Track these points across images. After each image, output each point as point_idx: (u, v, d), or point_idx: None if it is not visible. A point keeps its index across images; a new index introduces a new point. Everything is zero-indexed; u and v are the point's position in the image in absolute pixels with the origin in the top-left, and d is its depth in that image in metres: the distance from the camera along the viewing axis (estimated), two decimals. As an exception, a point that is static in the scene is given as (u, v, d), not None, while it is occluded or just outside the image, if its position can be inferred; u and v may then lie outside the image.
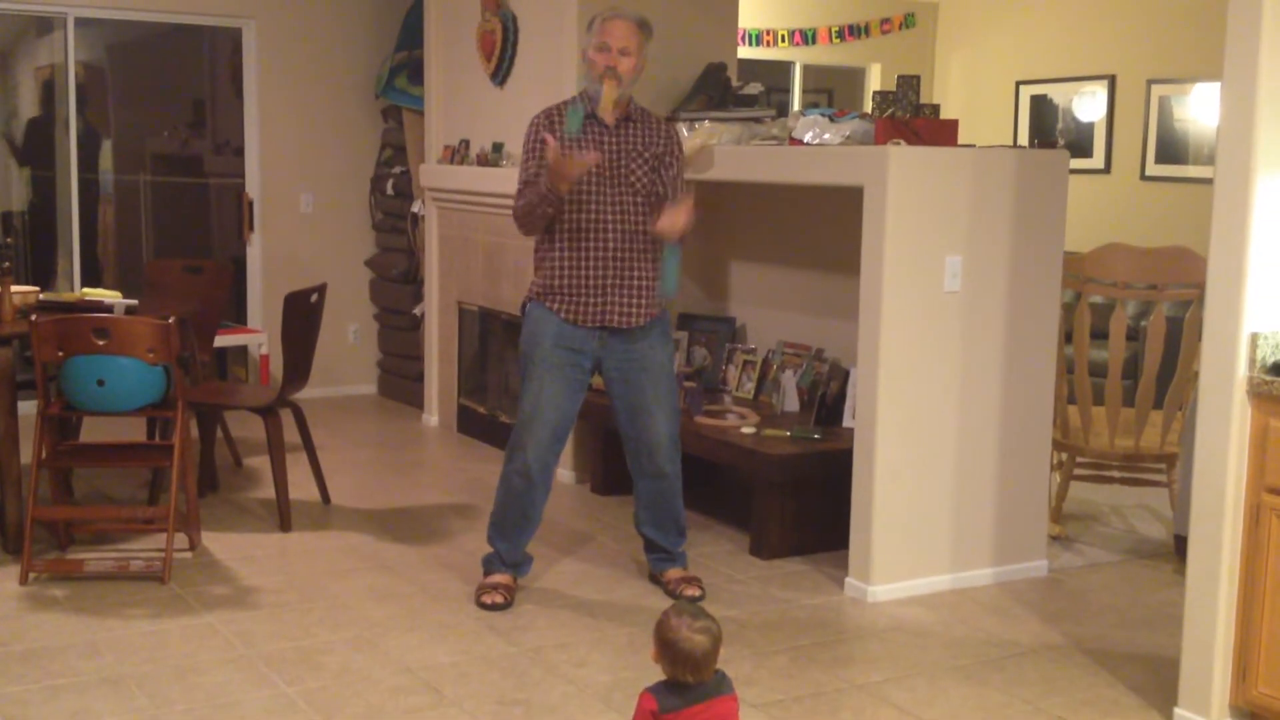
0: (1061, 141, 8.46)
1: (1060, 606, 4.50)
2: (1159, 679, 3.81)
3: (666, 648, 2.89)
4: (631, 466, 4.49)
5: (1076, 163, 5.81)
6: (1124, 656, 4.04)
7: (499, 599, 4.33)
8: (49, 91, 7.71)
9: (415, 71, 7.39)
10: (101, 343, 4.45)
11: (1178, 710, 3.53)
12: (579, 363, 4.30)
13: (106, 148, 8.22)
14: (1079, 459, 5.47)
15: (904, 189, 4.35)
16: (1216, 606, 3.42)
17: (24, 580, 4.48)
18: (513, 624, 4.19)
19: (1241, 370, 3.35)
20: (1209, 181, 3.45)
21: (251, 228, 7.80)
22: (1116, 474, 6.23)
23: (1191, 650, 3.49)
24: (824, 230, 5.49)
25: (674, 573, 4.52)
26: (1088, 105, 8.47)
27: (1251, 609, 3.38)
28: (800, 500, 4.96)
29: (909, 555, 4.54)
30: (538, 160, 4.23)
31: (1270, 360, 3.34)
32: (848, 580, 4.57)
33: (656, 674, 3.09)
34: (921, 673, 3.89)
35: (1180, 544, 4.80)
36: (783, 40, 9.41)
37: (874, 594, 4.48)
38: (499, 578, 4.40)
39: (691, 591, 4.43)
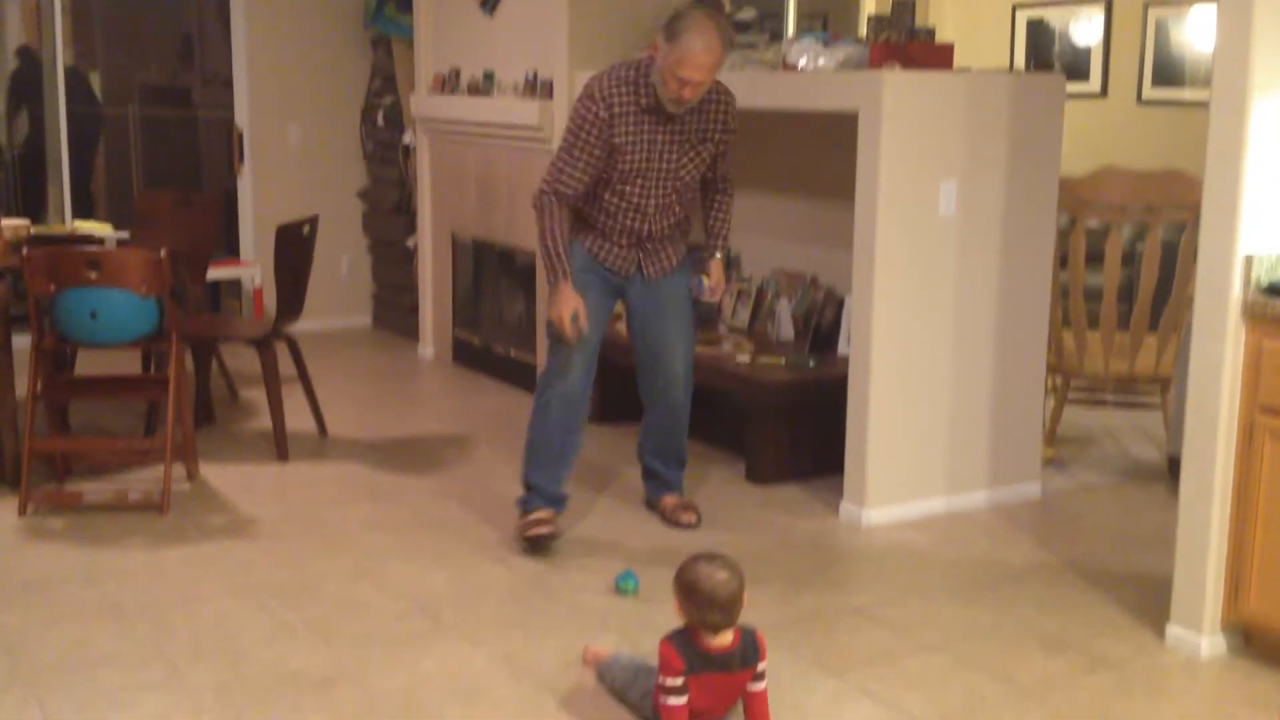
0: (1058, 65, 8.39)
1: (1054, 528, 4.53)
2: (1152, 598, 3.84)
3: (692, 592, 2.89)
4: (645, 396, 4.47)
5: (1073, 87, 5.75)
6: (1117, 576, 4.07)
7: (545, 530, 4.18)
8: (36, 25, 7.62)
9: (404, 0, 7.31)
10: (93, 275, 4.43)
11: (1170, 627, 3.57)
12: (610, 284, 4.28)
13: (95, 80, 8.14)
14: (1073, 383, 5.49)
15: (899, 114, 4.32)
16: (1209, 524, 3.45)
17: (22, 512, 4.50)
18: (510, 550, 4.22)
19: (1236, 292, 3.35)
20: (1206, 105, 3.43)
21: (242, 160, 7.75)
22: (1111, 397, 6.25)
23: (1184, 568, 3.53)
24: (819, 157, 5.46)
25: (670, 499, 4.54)
26: (1084, 29, 8.39)
27: (1244, 527, 3.40)
28: (795, 427, 4.97)
29: (903, 479, 4.56)
30: (583, 169, 4.07)
31: (1265, 281, 3.35)
32: (843, 505, 4.59)
33: (655, 598, 3.13)
34: (916, 595, 3.93)
35: (1174, 466, 4.83)
36: (776, -35, 9.28)
37: (869, 518, 4.51)
38: (541, 513, 4.24)
39: (688, 518, 4.46)
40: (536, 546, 4.18)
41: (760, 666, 2.95)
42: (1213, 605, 3.49)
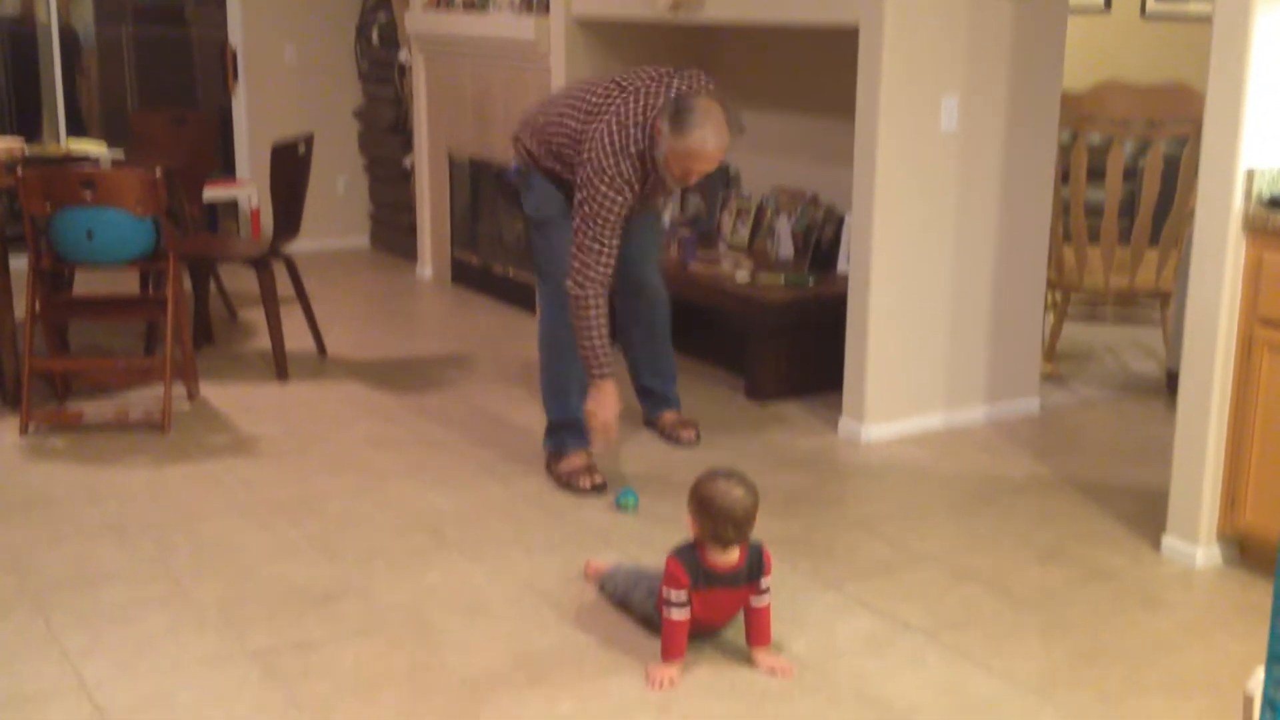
0: (1060, -20, 8.28)
1: (1052, 443, 4.55)
2: (1149, 510, 3.87)
3: (707, 506, 2.90)
4: (622, 313, 4.44)
5: (1076, 1, 5.69)
6: (1114, 489, 4.10)
7: (598, 479, 4.01)
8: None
9: (398, -86, 7.20)
10: (89, 195, 4.41)
11: (1166, 539, 3.60)
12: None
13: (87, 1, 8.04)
14: (1073, 298, 5.48)
15: (900, 28, 4.27)
16: (1206, 437, 3.46)
17: (24, 431, 4.51)
18: (510, 469, 4.24)
19: (1237, 205, 3.34)
20: (1210, 19, 3.39)
21: (236, 79, 7.68)
22: (1110, 313, 6.26)
23: (1181, 479, 3.55)
24: (820, 73, 5.41)
25: (670, 416, 4.55)
26: (1087, -58, 8.26)
27: (1241, 439, 3.42)
28: (795, 344, 4.97)
29: (903, 395, 4.57)
30: (618, 237, 3.83)
31: (1266, 195, 3.33)
32: (842, 421, 4.61)
33: (654, 515, 3.15)
34: (914, 509, 3.95)
35: (1172, 380, 4.84)
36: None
37: (868, 434, 4.52)
38: (580, 457, 4.08)
39: (687, 435, 4.47)
40: (590, 494, 4.02)
41: (764, 582, 2.97)
42: (1208, 516, 3.51)
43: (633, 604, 3.17)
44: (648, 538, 3.65)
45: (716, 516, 2.89)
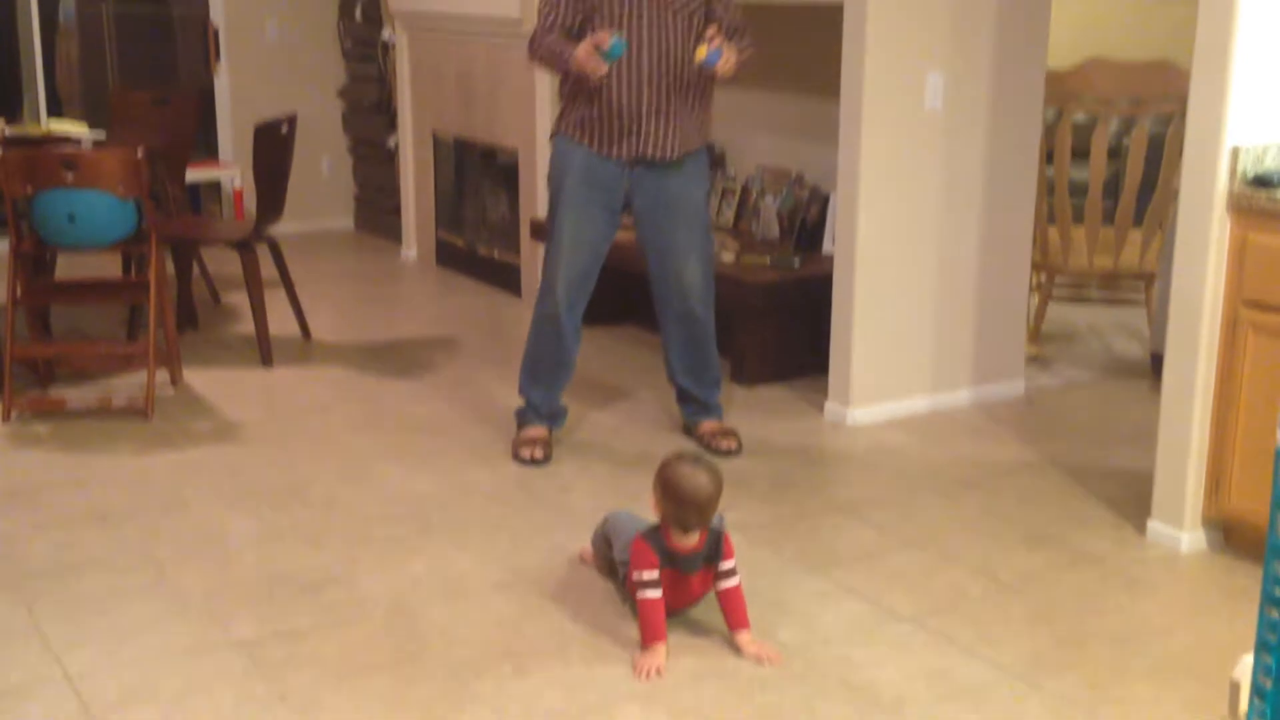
0: (1046, -44, 8.25)
1: (1037, 425, 4.55)
2: (1134, 493, 3.87)
3: (671, 490, 2.93)
4: (660, 309, 4.22)
5: (1061, -23, 5.67)
6: (1099, 472, 4.10)
7: (538, 453, 4.12)
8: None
9: (380, -109, 7.14)
10: (70, 176, 4.38)
11: (1151, 522, 3.60)
12: (609, 201, 4.03)
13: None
14: (1058, 279, 5.48)
15: (883, 5, 4.25)
16: (1191, 419, 3.46)
17: (6, 418, 4.48)
18: (496, 452, 4.23)
19: (1222, 183, 3.33)
20: (1196, -7, 3.37)
21: (218, 57, 7.62)
22: (1095, 294, 6.26)
23: (1166, 463, 3.55)
24: (804, 51, 5.38)
25: (710, 425, 4.30)
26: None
27: (1226, 421, 3.42)
28: (781, 327, 4.96)
29: (888, 378, 4.57)
30: (560, 12, 3.92)
31: (1251, 173, 3.32)
32: (827, 404, 4.60)
33: (643, 500, 3.14)
34: (899, 493, 3.95)
35: (1157, 362, 4.84)
36: None
37: (853, 417, 4.52)
38: (534, 431, 4.19)
39: (728, 444, 4.24)
40: (527, 466, 4.13)
41: (725, 565, 2.98)
42: (1193, 500, 3.51)
43: (613, 550, 3.19)
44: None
45: (680, 501, 2.93)
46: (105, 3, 8.19)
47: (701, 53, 3.80)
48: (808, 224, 5.27)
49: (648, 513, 3.08)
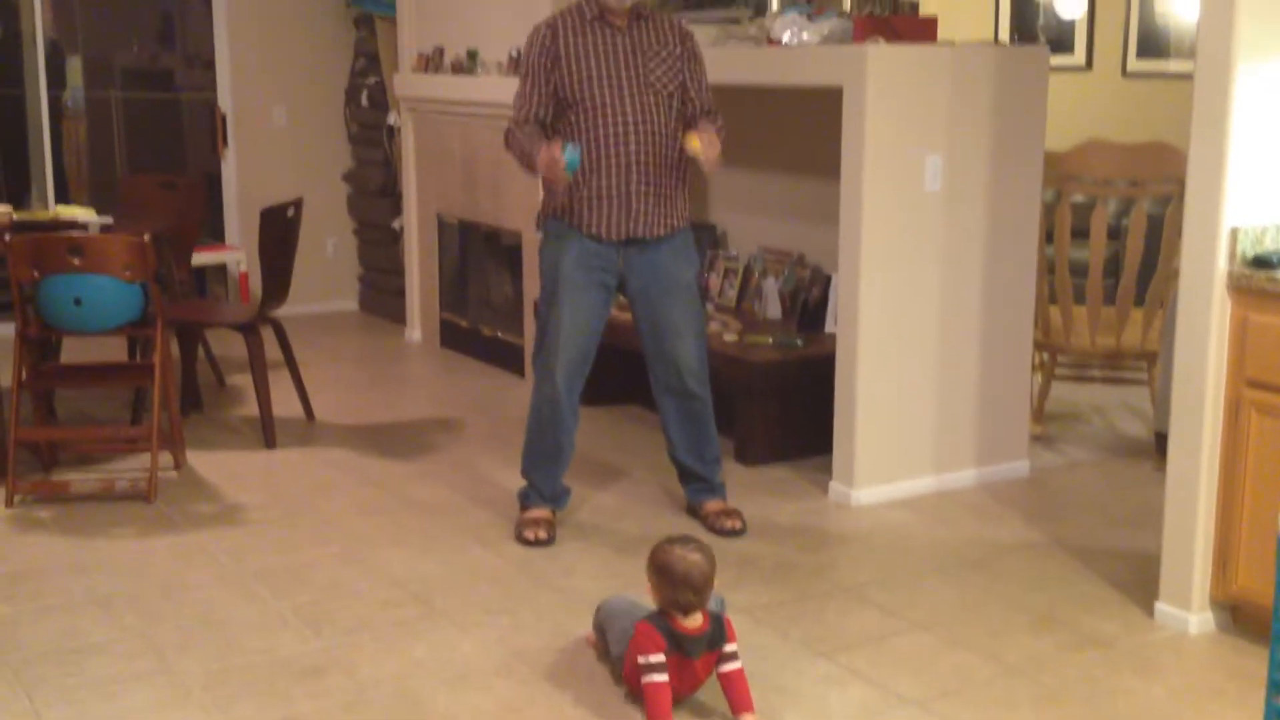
0: (1042, 38, 8.37)
1: (1042, 505, 4.53)
2: (1140, 574, 3.85)
3: (665, 573, 2.94)
4: (656, 388, 4.24)
5: (1057, 60, 5.75)
6: (1105, 553, 4.08)
7: (542, 534, 4.12)
8: (14, 6, 7.56)
9: (387, -22, 7.25)
10: (77, 261, 4.41)
11: (1159, 605, 3.58)
12: (603, 280, 4.08)
13: (75, 64, 8.08)
14: (1060, 358, 5.48)
15: (883, 88, 4.30)
16: (1197, 500, 3.45)
17: (9, 503, 4.48)
18: (499, 534, 4.21)
19: (1221, 264, 3.35)
20: (1191, 76, 3.41)
21: (225, 142, 7.71)
22: (1098, 373, 6.26)
23: (1172, 544, 3.53)
24: (804, 133, 5.44)
25: (714, 505, 4.29)
26: (1069, 2, 8.36)
27: (1231, 502, 3.40)
28: (784, 406, 4.97)
29: (892, 458, 4.56)
30: (539, 93, 4.07)
31: (1250, 254, 3.34)
32: (831, 484, 4.59)
33: (642, 584, 3.12)
34: (905, 574, 3.93)
35: (1161, 441, 4.82)
36: (760, -60, 9.23)
37: (858, 497, 4.51)
38: (538, 512, 4.19)
39: (733, 524, 4.21)
40: (531, 547, 4.12)
41: (728, 648, 2.98)
42: (1201, 581, 3.49)
43: (608, 638, 3.17)
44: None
45: (675, 582, 2.94)
46: (114, 88, 8.30)
47: (694, 143, 3.92)
48: (810, 304, 5.29)
49: (647, 599, 3.06)
